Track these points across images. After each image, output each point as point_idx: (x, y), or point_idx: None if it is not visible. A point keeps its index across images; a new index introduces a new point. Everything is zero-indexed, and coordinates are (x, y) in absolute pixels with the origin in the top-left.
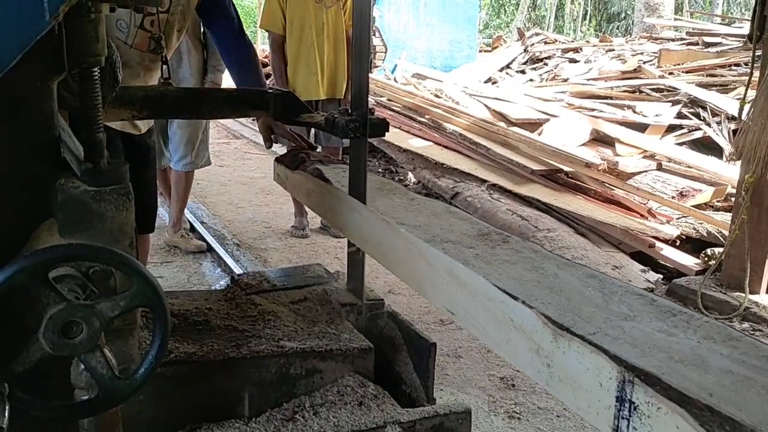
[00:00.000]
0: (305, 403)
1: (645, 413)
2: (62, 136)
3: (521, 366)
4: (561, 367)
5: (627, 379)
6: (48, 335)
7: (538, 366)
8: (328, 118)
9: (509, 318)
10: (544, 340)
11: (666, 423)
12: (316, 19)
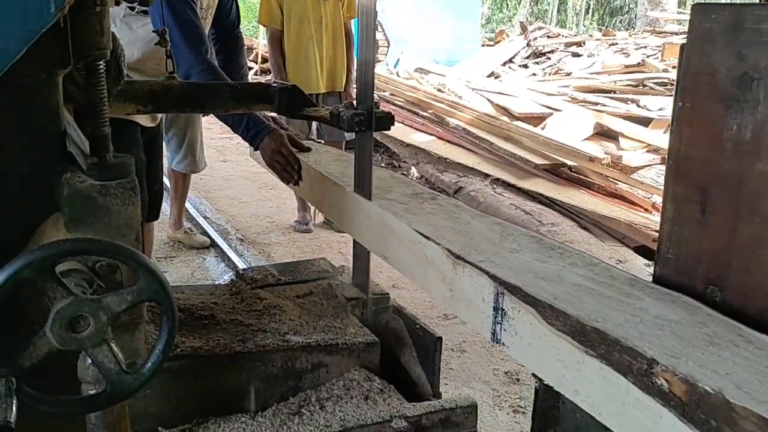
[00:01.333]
0: (311, 397)
1: (511, 316)
2: (68, 130)
3: (433, 295)
4: (458, 290)
5: (500, 292)
6: (55, 329)
7: (444, 291)
8: (333, 111)
9: (424, 255)
10: (447, 269)
11: (523, 321)
12: (314, 13)
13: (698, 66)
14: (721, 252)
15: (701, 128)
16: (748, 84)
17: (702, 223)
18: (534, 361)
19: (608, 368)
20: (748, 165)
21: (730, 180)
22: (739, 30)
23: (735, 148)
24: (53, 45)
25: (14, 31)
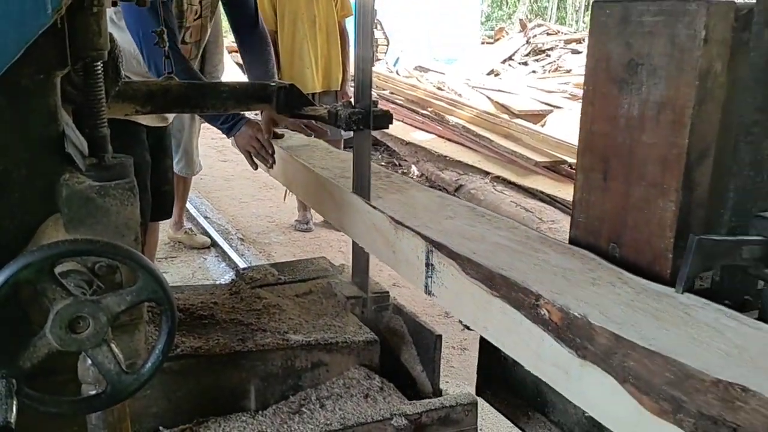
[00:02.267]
0: (311, 395)
1: (438, 270)
2: (66, 131)
3: (382, 258)
4: (399, 251)
5: (430, 250)
6: (55, 330)
7: (389, 254)
8: (331, 110)
9: (373, 224)
10: (390, 233)
11: (447, 273)
12: (307, 12)
13: (597, 54)
14: (618, 213)
15: (601, 107)
16: (635, 69)
17: (604, 189)
18: (456, 307)
19: (507, 306)
20: (636, 137)
21: (624, 151)
22: (627, 22)
23: (626, 123)
24: (50, 46)
25: (11, 33)
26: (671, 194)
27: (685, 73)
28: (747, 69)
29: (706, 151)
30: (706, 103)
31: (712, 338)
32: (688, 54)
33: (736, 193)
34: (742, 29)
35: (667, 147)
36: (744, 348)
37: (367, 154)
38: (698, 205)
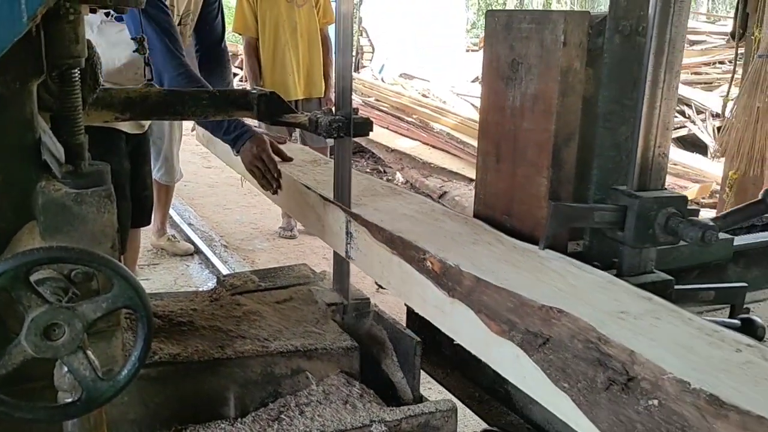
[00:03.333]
0: (291, 402)
1: (355, 237)
2: (43, 138)
3: (317, 233)
4: (327, 224)
5: (348, 220)
6: (30, 338)
7: (320, 226)
8: (312, 118)
9: (311, 204)
10: (320, 209)
11: (361, 239)
12: (288, 20)
13: (490, 55)
14: (508, 190)
15: (493, 100)
16: (516, 67)
17: (497, 170)
18: (368, 267)
19: (403, 261)
20: (519, 125)
21: (510, 136)
22: (510, 29)
23: (511, 113)
24: (26, 54)
25: None
26: (544, 171)
27: (551, 71)
28: (603, 68)
29: (571, 135)
30: (568, 96)
31: (554, 280)
32: (552, 55)
33: (599, 170)
34: (597, 35)
35: (540, 132)
36: (575, 286)
37: (348, 161)
38: (567, 181)
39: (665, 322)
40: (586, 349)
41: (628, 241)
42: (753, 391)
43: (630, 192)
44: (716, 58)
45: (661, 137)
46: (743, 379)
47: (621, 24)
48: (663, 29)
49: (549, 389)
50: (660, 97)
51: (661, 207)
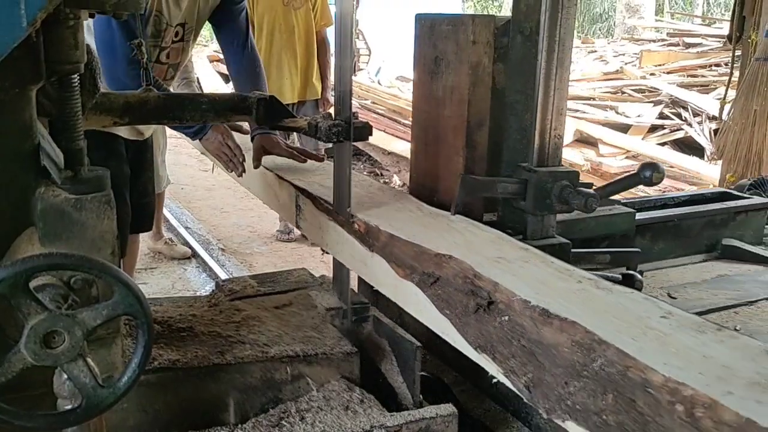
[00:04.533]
0: (291, 408)
1: (302, 209)
2: (42, 143)
3: (274, 208)
4: (282, 200)
5: (298, 195)
6: (30, 345)
7: (276, 202)
8: (311, 122)
9: (266, 182)
10: (276, 188)
11: (308, 210)
12: (285, 22)
13: (419, 53)
14: (434, 169)
15: (422, 91)
16: (438, 63)
17: (425, 152)
18: (313, 236)
19: (338, 226)
20: (441, 113)
21: (434, 123)
22: (433, 29)
23: (435, 102)
24: (25, 59)
25: None
26: (460, 152)
27: (464, 65)
28: (509, 63)
29: (482, 121)
30: (478, 87)
31: (454, 236)
32: (464, 52)
33: (508, 151)
34: (502, 35)
35: (457, 118)
36: (470, 241)
37: (348, 165)
38: (480, 159)
39: (531, 265)
40: (464, 284)
41: (529, 209)
42: (577, 307)
43: (530, 168)
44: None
45: (555, 122)
46: (573, 299)
47: (522, 26)
48: (553, 30)
49: (436, 316)
50: (553, 87)
51: (555, 180)
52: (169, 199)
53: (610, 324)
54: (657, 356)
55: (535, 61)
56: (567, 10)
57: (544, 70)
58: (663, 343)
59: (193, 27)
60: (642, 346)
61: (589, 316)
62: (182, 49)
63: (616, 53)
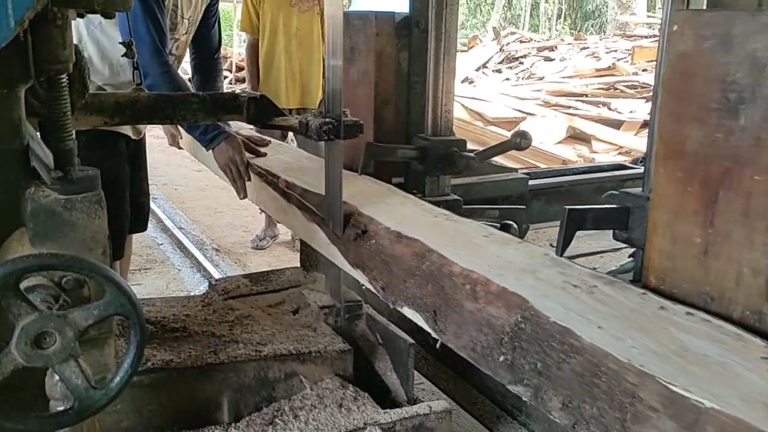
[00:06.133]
0: (285, 406)
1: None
2: (31, 144)
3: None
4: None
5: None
6: (21, 346)
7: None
8: (302, 120)
9: None
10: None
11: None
12: (287, 24)
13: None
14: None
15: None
16: (353, 52)
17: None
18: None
19: (267, 185)
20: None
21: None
22: (348, 24)
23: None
24: (14, 59)
25: None
26: (370, 125)
27: (371, 53)
28: (410, 52)
29: (388, 99)
30: (383, 71)
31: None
32: (371, 42)
33: (411, 124)
34: (403, 28)
35: (366, 98)
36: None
37: (339, 163)
38: (388, 132)
39: (404, 207)
40: (354, 221)
41: (425, 171)
42: (424, 231)
43: (425, 137)
44: None
45: (445, 99)
46: (424, 227)
47: (417, 21)
48: (439, 24)
49: (328, 245)
50: (442, 71)
51: (446, 147)
52: (162, 200)
53: (442, 240)
54: (464, 257)
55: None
56: (450, 7)
57: (434, 57)
58: (473, 250)
59: (194, 21)
60: (458, 252)
61: (430, 236)
62: (185, 42)
63: (608, 50)
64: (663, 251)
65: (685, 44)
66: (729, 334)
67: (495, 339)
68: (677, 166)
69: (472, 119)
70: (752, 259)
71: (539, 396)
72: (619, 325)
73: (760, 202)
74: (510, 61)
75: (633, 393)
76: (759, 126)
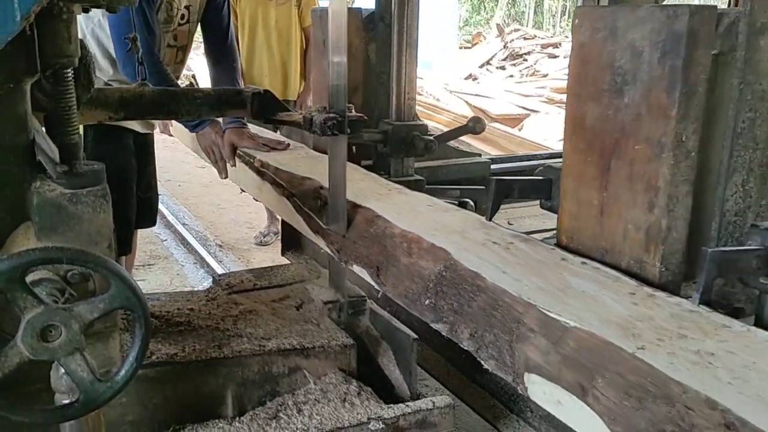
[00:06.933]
0: (288, 401)
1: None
2: (37, 138)
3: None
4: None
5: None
6: (26, 339)
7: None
8: (306, 116)
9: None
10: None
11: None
12: (265, 18)
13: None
14: None
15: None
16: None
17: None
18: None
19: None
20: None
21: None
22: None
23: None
24: (19, 53)
25: None
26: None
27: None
28: (377, 44)
29: (357, 87)
30: (352, 61)
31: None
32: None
33: (378, 110)
34: (369, 22)
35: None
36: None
37: (343, 159)
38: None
39: (363, 182)
40: (314, 193)
41: (390, 153)
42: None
43: (389, 122)
44: None
45: (408, 87)
46: (377, 198)
47: (382, 15)
48: (401, 19)
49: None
50: (404, 62)
51: (408, 131)
52: (166, 196)
53: (390, 208)
54: (405, 221)
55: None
56: (411, 3)
57: (397, 49)
58: (415, 216)
59: (196, 9)
60: (401, 217)
61: (379, 205)
62: (188, 31)
63: None
64: (571, 214)
65: (584, 36)
66: (610, 277)
67: (423, 286)
68: (579, 140)
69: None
70: (635, 216)
71: (454, 330)
72: (521, 271)
73: (640, 168)
74: (514, 58)
75: (519, 319)
76: (638, 104)
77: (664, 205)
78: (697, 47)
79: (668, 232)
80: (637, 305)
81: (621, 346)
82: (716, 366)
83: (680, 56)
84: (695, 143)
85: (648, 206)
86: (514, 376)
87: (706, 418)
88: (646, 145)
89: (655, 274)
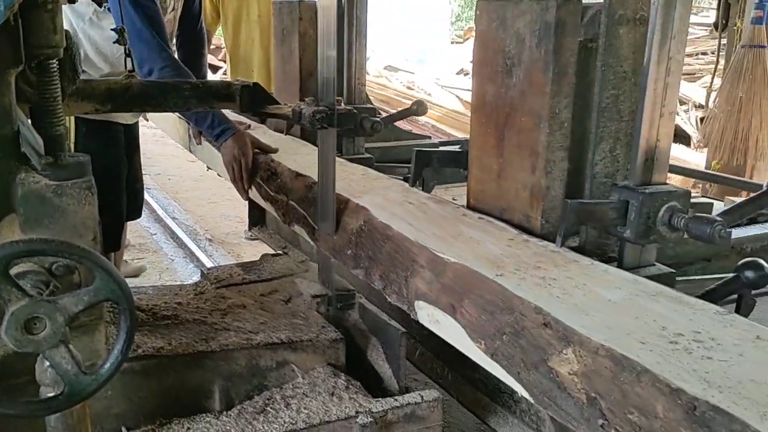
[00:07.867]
0: (276, 395)
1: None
2: (22, 129)
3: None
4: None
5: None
6: (10, 332)
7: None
8: (295, 109)
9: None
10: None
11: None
12: (249, 13)
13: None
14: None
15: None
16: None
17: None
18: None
19: None
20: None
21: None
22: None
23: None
24: (4, 44)
25: None
26: (297, 95)
27: (296, 35)
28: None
29: (311, 73)
30: (305, 49)
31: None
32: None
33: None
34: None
35: (294, 71)
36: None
37: (332, 153)
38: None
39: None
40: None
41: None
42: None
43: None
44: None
45: (358, 73)
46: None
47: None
48: (351, 10)
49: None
50: (354, 50)
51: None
52: (156, 190)
53: (358, 188)
54: (338, 187)
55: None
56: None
57: (347, 39)
58: (348, 183)
59: None
60: (365, 197)
61: (344, 185)
62: (174, 19)
63: None
64: (476, 178)
65: (483, 25)
66: (498, 228)
67: (347, 239)
68: (481, 114)
69: (467, 110)
70: (522, 178)
71: (369, 273)
72: (425, 224)
73: (525, 137)
74: None
75: (414, 259)
76: (523, 82)
77: (543, 168)
78: (565, 35)
79: (547, 191)
80: (510, 247)
81: (485, 274)
82: (553, 286)
83: (551, 42)
84: (568, 116)
85: (531, 169)
86: (408, 304)
87: (532, 321)
88: (529, 118)
89: (538, 226)
